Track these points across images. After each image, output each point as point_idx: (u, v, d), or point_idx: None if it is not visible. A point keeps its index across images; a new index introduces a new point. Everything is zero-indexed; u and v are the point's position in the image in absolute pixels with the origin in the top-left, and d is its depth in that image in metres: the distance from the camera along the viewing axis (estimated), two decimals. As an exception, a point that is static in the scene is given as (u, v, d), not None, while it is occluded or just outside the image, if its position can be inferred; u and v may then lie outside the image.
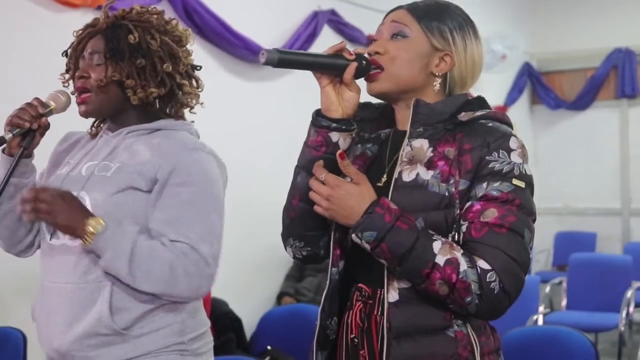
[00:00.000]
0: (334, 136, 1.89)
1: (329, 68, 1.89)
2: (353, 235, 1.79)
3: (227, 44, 5.45)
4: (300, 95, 5.41)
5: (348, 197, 1.80)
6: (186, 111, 2.35)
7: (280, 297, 5.84)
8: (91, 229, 2.06)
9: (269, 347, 4.51)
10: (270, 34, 5.86)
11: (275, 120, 5.84)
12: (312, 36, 6.15)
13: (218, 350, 4.80)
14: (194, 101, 2.32)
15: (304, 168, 1.93)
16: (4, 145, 2.18)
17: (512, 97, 9.23)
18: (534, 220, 1.83)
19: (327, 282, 1.96)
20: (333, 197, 1.80)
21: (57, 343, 2.17)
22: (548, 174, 9.32)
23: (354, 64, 1.87)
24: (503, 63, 8.17)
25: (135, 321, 2.15)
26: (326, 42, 6.09)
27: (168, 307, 2.17)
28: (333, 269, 1.94)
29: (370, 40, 6.51)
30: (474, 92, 2.00)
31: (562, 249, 8.67)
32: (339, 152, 1.83)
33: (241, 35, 5.52)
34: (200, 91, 2.33)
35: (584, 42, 9.29)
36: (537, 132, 9.72)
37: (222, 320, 4.99)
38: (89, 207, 2.14)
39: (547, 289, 6.89)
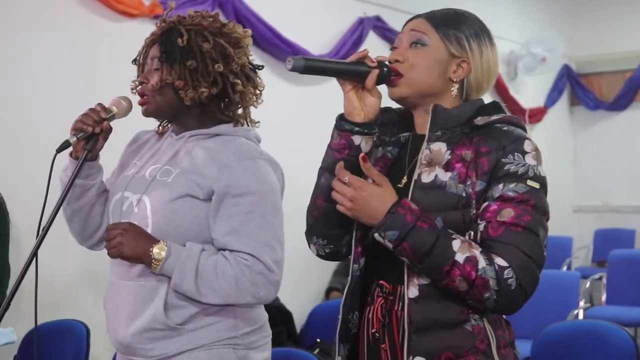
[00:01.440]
0: (356, 139, 1.92)
1: (352, 75, 1.92)
2: (376, 234, 1.81)
3: (276, 50, 5.47)
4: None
5: (371, 198, 1.82)
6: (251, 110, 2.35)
7: (328, 291, 5.85)
8: (156, 256, 2.11)
9: (318, 340, 4.52)
10: (317, 40, 5.87)
11: (324, 123, 5.83)
12: (358, 42, 6.15)
13: (270, 342, 4.78)
14: (252, 100, 2.32)
15: (327, 169, 1.96)
16: (70, 148, 2.22)
17: (552, 98, 9.14)
18: (548, 220, 1.85)
19: (349, 278, 1.98)
20: (356, 198, 1.82)
21: (120, 335, 2.22)
22: (587, 173, 9.23)
23: (376, 71, 1.90)
24: (543, 65, 8.11)
25: (189, 318, 2.18)
26: (371, 47, 6.07)
27: (219, 307, 2.20)
28: (354, 265, 1.97)
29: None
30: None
31: (602, 245, 8.56)
32: (361, 155, 1.86)
33: (290, 41, 5.54)
34: (261, 90, 2.34)
35: (621, 44, 9.16)
36: (577, 133, 9.62)
37: (274, 313, 4.96)
38: (149, 211, 2.17)
39: (587, 284, 6.81)
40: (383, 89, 1.95)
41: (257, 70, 2.34)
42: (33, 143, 3.96)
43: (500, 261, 1.76)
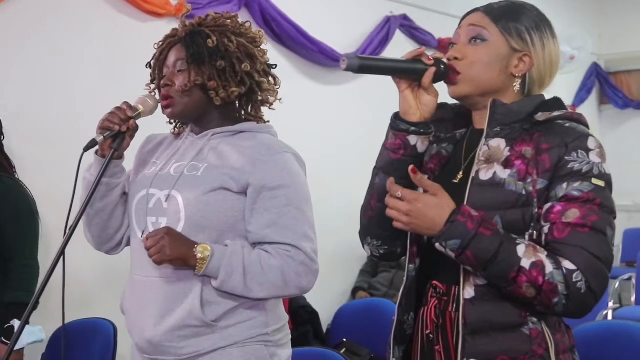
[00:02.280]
0: (412, 139, 1.87)
1: (407, 73, 1.87)
2: (437, 244, 1.76)
3: (303, 49, 5.47)
4: (372, 98, 5.41)
5: (427, 209, 1.76)
6: (264, 109, 2.36)
7: (355, 291, 5.84)
8: (200, 255, 2.11)
9: (344, 340, 4.51)
10: (344, 39, 5.86)
11: (349, 122, 5.84)
12: (384, 41, 6.13)
13: (296, 341, 4.82)
14: (272, 98, 2.34)
15: (382, 170, 1.92)
16: (97, 146, 2.23)
17: (581, 97, 9.08)
18: (615, 218, 1.79)
19: (405, 278, 1.95)
20: (412, 212, 1.76)
21: (149, 334, 2.20)
22: (616, 172, 8.89)
23: (433, 69, 1.84)
24: (571, 64, 8.05)
25: (224, 314, 2.18)
26: (398, 46, 6.10)
27: (253, 302, 2.20)
28: (410, 265, 1.94)
29: (441, 43, 6.46)
30: (543, 93, 1.97)
31: (631, 245, 8.48)
32: (410, 167, 1.80)
33: (316, 40, 5.54)
34: (278, 88, 2.35)
35: (651, 42, 9.10)
36: (605, 132, 9.54)
37: (300, 313, 5.01)
38: (181, 205, 2.18)
39: (616, 284, 6.77)
40: (439, 86, 1.90)
41: (272, 68, 2.35)
42: (61, 142, 3.98)
43: (567, 264, 1.70)
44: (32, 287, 3.23)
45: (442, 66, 1.86)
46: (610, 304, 5.47)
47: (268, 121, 2.37)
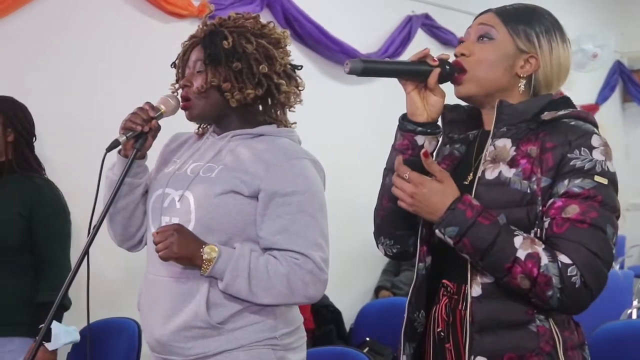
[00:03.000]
0: (420, 139, 1.92)
1: (412, 74, 1.91)
2: (436, 230, 1.80)
3: (324, 49, 5.47)
4: (394, 97, 5.39)
5: (431, 194, 1.80)
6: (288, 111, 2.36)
7: (377, 290, 5.83)
8: (206, 256, 2.10)
9: (367, 339, 4.51)
10: (366, 39, 5.86)
11: (370, 122, 5.83)
12: (406, 40, 6.12)
13: (319, 340, 4.83)
14: (293, 99, 2.32)
15: (392, 170, 1.93)
16: (119, 146, 2.23)
17: (604, 95, 9.02)
18: (618, 217, 1.80)
19: (414, 276, 1.97)
20: (417, 194, 1.81)
21: (157, 333, 2.21)
22: (640, 169, 9.09)
23: (437, 70, 1.88)
24: (594, 62, 8.01)
25: (230, 317, 2.17)
26: (420, 45, 6.04)
27: (260, 306, 2.19)
28: (420, 264, 1.96)
29: (459, 42, 6.41)
30: (565, 92, 1.97)
31: (656, 244, 8.46)
32: (422, 150, 1.84)
33: (338, 40, 5.53)
34: (301, 90, 2.34)
35: (674, 39, 9.03)
36: (629, 129, 9.48)
37: (323, 312, 5.01)
38: (192, 206, 2.17)
39: (641, 283, 6.73)
40: (446, 87, 1.92)
41: (296, 70, 2.34)
42: (85, 142, 4.00)
43: (564, 258, 1.72)
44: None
45: (447, 67, 1.89)
46: (635, 303, 5.42)
47: (294, 123, 2.37)
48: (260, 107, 2.33)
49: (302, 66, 2.37)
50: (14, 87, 3.68)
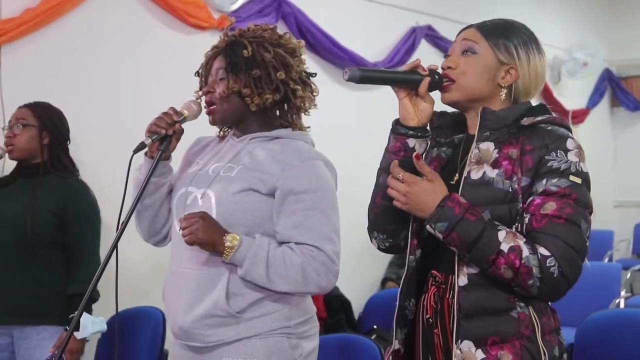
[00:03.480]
0: (411, 142, 1.95)
1: (405, 83, 1.94)
2: (427, 226, 1.83)
3: (335, 58, 5.46)
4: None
5: (422, 192, 1.84)
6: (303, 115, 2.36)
7: (384, 281, 5.82)
8: (229, 244, 2.10)
9: (375, 327, 4.51)
10: (373, 48, 5.85)
11: (377, 126, 5.80)
12: (410, 49, 6.10)
13: (330, 328, 4.82)
14: (308, 104, 2.32)
15: (385, 170, 1.98)
16: (146, 148, 2.24)
17: (594, 100, 8.97)
18: (591, 213, 1.83)
19: (405, 268, 2.00)
20: (410, 193, 1.85)
21: (180, 321, 2.21)
22: (628, 170, 9.07)
23: (427, 79, 1.92)
24: (585, 70, 7.98)
25: (248, 306, 2.17)
26: (423, 54, 6.07)
27: (277, 296, 2.19)
28: (410, 256, 1.99)
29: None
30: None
31: (642, 238, 8.43)
32: (415, 153, 1.89)
33: (348, 49, 5.52)
34: (316, 95, 2.34)
35: (660, 49, 8.98)
36: (617, 132, 9.44)
37: (334, 302, 5.00)
38: (213, 203, 2.17)
39: (628, 275, 6.71)
40: (436, 95, 1.95)
41: (310, 77, 2.34)
42: (115, 145, 4.01)
43: (543, 251, 1.76)
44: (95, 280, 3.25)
45: (437, 76, 1.93)
46: (622, 293, 5.40)
47: (308, 127, 2.37)
48: (277, 112, 2.33)
49: (316, 73, 2.37)
50: (50, 93, 3.69)
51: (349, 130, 5.57)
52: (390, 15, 6.05)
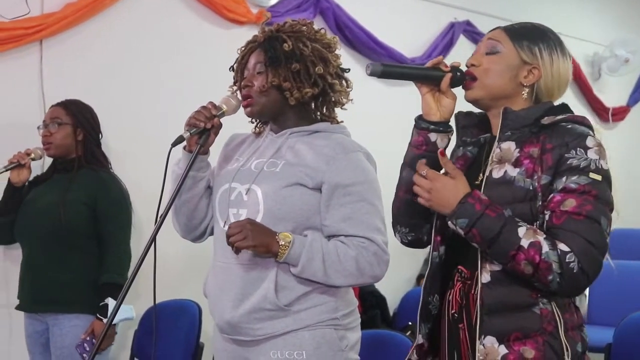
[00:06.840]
0: (433, 136, 2.00)
1: (427, 79, 1.99)
2: (449, 222, 1.86)
3: (373, 53, 5.44)
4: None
5: (445, 189, 1.87)
6: (337, 109, 2.37)
7: (419, 278, 5.80)
8: (283, 242, 2.12)
9: (409, 323, 4.51)
10: (411, 44, 5.82)
11: (411, 119, 5.80)
12: (449, 45, 6.07)
13: (365, 324, 4.83)
14: (344, 99, 2.34)
15: (408, 164, 2.03)
16: (184, 142, 2.25)
17: (635, 97, 8.84)
18: (611, 210, 1.84)
19: (429, 264, 2.03)
20: (432, 190, 1.88)
21: (228, 316, 2.23)
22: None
23: (449, 75, 1.97)
24: (626, 66, 7.88)
25: (296, 299, 2.19)
26: (462, 50, 6.03)
27: (324, 289, 2.21)
28: (434, 252, 2.02)
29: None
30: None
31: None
32: (439, 149, 1.94)
33: (385, 45, 5.51)
34: (350, 90, 2.35)
35: None
36: (659, 131, 9.33)
37: (369, 298, 5.01)
38: (260, 198, 2.19)
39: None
40: (457, 91, 1.98)
41: (345, 72, 2.36)
42: (151, 139, 4.04)
43: (562, 246, 1.77)
44: (125, 270, 3.31)
45: (459, 73, 1.97)
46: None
47: (342, 121, 2.37)
48: (314, 106, 2.34)
49: (349, 69, 2.38)
50: (90, 87, 3.74)
51: (386, 124, 5.55)
52: (428, 10, 6.02)
